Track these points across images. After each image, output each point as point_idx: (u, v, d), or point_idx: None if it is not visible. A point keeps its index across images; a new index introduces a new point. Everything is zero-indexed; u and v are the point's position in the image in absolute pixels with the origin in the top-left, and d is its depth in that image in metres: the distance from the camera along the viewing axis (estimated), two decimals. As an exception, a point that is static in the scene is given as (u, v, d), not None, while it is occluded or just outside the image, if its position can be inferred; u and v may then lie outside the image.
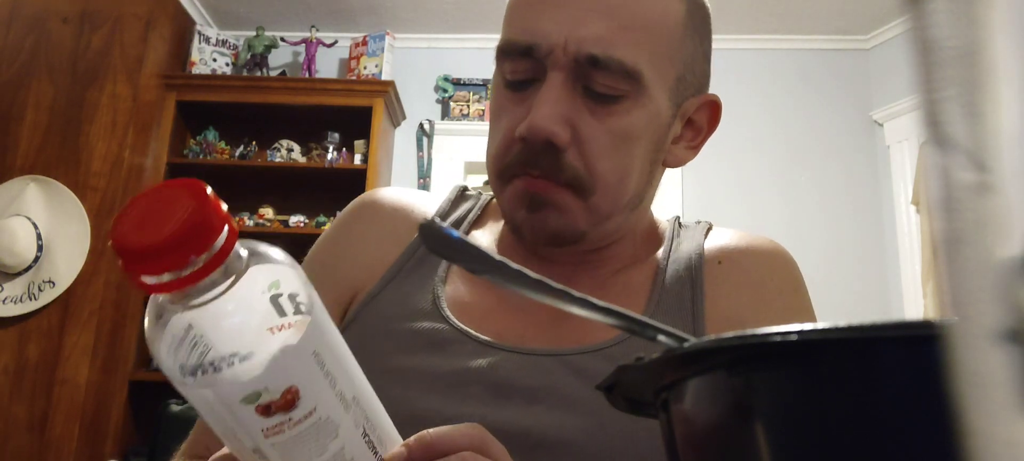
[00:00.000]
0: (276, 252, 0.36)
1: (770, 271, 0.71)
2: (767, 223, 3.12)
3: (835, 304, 3.13)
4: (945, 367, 0.14)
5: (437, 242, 0.28)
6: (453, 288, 0.69)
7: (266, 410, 0.34)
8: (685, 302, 0.68)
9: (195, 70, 3.40)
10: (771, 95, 3.49)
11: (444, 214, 0.77)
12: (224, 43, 3.51)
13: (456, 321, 0.66)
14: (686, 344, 0.23)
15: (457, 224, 0.76)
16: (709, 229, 0.76)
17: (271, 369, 0.34)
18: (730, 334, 0.22)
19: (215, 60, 3.46)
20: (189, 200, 0.32)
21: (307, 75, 3.51)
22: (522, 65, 0.65)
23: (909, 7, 0.15)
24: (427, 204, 0.78)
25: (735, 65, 3.46)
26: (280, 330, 0.34)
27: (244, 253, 0.35)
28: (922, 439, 0.19)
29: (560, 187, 0.63)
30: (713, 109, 0.72)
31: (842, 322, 0.20)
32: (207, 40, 3.47)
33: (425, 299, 0.68)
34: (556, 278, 0.29)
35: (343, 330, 0.67)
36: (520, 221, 0.66)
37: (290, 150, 3.42)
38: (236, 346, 0.34)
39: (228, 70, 3.48)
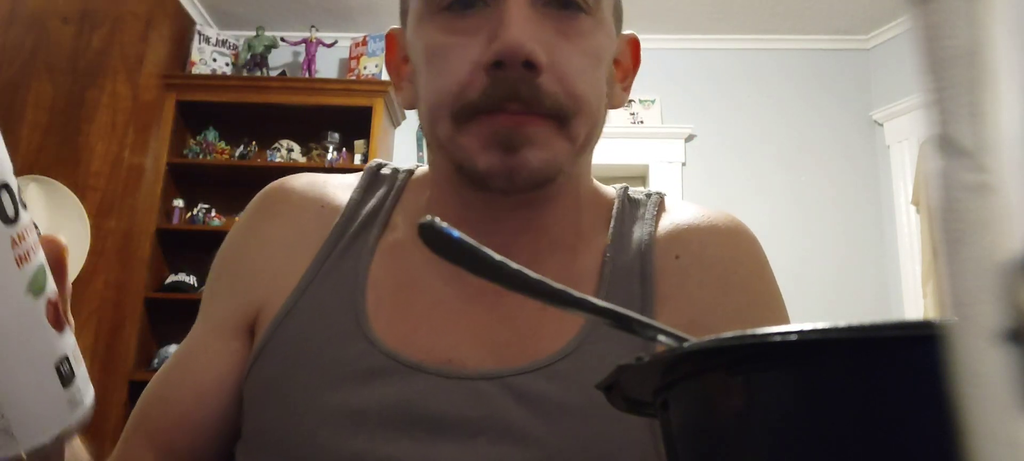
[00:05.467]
0: None
1: (734, 261, 0.64)
2: (767, 222, 3.12)
3: (835, 304, 3.14)
4: (945, 367, 0.14)
5: (437, 242, 0.28)
6: (376, 298, 0.61)
7: None
8: (634, 304, 0.61)
9: (195, 70, 3.40)
10: (771, 95, 3.50)
11: (356, 203, 0.68)
12: (224, 43, 3.52)
13: (383, 342, 0.59)
14: (686, 344, 0.23)
15: (373, 215, 0.67)
16: (661, 204, 0.68)
17: None
18: (730, 334, 0.22)
19: (215, 60, 3.47)
20: None
21: (307, 75, 3.51)
22: None
23: (911, 7, 0.15)
24: (337, 192, 0.69)
25: (735, 65, 3.46)
26: None
27: None
28: (922, 439, 0.19)
29: (541, 117, 0.56)
30: (634, 48, 0.68)
31: (842, 322, 0.20)
32: (207, 40, 3.47)
33: (346, 315, 0.60)
34: (495, 248, 0.28)
35: (256, 357, 0.61)
36: (491, 166, 0.56)
37: (290, 150, 3.42)
38: None
39: (228, 70, 3.48)
